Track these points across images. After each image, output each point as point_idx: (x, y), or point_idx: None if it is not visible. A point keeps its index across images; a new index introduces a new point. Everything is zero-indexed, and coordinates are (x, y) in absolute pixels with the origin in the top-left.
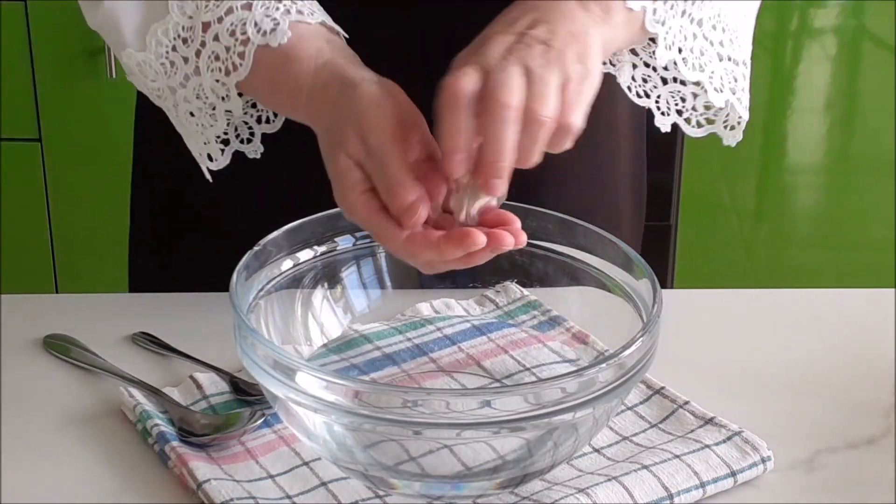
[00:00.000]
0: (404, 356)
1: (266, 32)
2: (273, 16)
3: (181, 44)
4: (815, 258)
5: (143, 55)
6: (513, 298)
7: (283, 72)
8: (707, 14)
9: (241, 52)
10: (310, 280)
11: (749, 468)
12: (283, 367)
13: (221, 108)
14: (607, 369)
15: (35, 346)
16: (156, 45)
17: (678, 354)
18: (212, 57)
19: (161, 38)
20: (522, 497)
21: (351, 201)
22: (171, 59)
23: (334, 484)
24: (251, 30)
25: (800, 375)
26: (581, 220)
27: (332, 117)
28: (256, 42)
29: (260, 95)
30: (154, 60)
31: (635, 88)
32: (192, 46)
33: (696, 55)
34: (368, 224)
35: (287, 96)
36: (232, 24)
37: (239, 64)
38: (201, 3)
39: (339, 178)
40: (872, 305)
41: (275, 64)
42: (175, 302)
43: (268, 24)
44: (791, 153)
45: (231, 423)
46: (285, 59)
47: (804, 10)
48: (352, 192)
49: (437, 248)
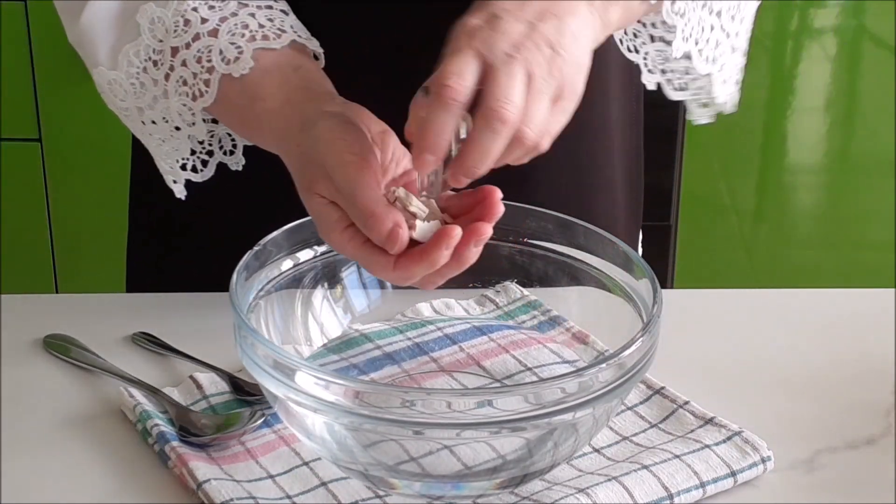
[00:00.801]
0: (404, 356)
1: (230, 61)
2: (237, 43)
3: (151, 66)
4: (815, 258)
5: (115, 74)
6: (513, 298)
7: (249, 110)
8: (727, 4)
9: (207, 79)
10: (310, 280)
11: (749, 468)
12: (283, 367)
13: (186, 132)
14: (607, 369)
15: (35, 346)
16: (127, 65)
17: (678, 354)
18: (179, 81)
19: (132, 59)
20: (522, 497)
21: (334, 240)
22: (142, 80)
23: (334, 484)
24: (216, 58)
25: (800, 375)
26: (576, 217)
27: (299, 159)
28: (220, 70)
29: (231, 127)
30: (125, 80)
31: (626, 42)
32: (162, 70)
33: (711, 47)
34: (356, 258)
35: (256, 132)
36: (199, 51)
37: (205, 91)
38: (171, 25)
39: (318, 218)
40: (872, 305)
41: (240, 100)
42: (175, 302)
43: (232, 52)
44: (791, 153)
45: (231, 423)
46: (251, 96)
47: (804, 10)
48: (333, 232)
49: (424, 260)
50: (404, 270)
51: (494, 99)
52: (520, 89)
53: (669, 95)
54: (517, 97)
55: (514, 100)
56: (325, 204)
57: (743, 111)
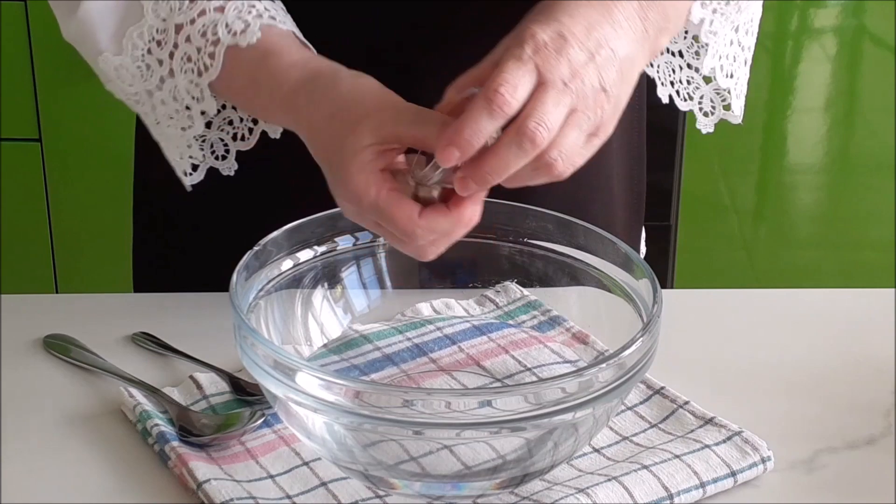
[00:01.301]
0: (404, 356)
1: (236, 33)
2: (245, 18)
3: (156, 46)
4: (815, 258)
5: (120, 59)
6: (513, 298)
7: (262, 67)
8: (744, 19)
9: (212, 52)
10: (310, 280)
11: (749, 468)
12: (283, 367)
13: (197, 108)
14: (607, 369)
15: (35, 346)
16: (132, 48)
17: (678, 354)
18: (184, 58)
19: (136, 42)
20: (522, 497)
21: (363, 181)
22: (147, 61)
23: (334, 484)
24: (221, 30)
25: (800, 375)
26: (577, 218)
27: (337, 102)
28: (226, 42)
29: (238, 97)
30: (131, 64)
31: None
32: (166, 48)
33: (730, 62)
34: (380, 202)
35: (264, 93)
36: (203, 26)
37: (210, 64)
38: (175, 4)
39: (351, 157)
40: (872, 305)
41: (252, 61)
42: (175, 302)
43: (238, 25)
44: (791, 153)
45: (231, 423)
46: (263, 53)
47: (804, 10)
48: (363, 172)
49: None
50: (430, 222)
51: (534, 120)
52: (560, 118)
53: (680, 106)
54: (555, 124)
55: (551, 126)
56: (370, 144)
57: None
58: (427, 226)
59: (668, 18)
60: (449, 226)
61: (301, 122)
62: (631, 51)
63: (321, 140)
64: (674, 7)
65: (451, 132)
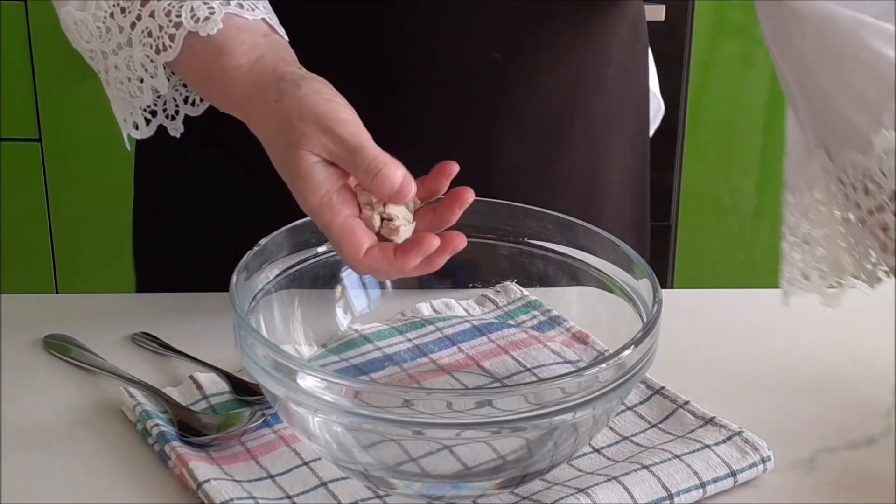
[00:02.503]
0: (404, 356)
1: (199, 20)
2: (210, 4)
3: (119, 12)
4: None
5: (82, 15)
6: (513, 298)
7: (215, 64)
8: None
9: (172, 34)
10: (310, 280)
11: (749, 468)
12: (283, 367)
13: (149, 83)
14: (607, 369)
15: (35, 346)
16: (95, 7)
17: (678, 354)
18: (144, 32)
19: (101, 3)
20: (522, 497)
21: (316, 203)
22: (108, 25)
23: (334, 484)
24: (185, 14)
25: (800, 375)
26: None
27: (280, 118)
28: (188, 28)
29: (193, 84)
30: (91, 22)
31: None
32: (129, 17)
33: None
34: (333, 226)
35: (218, 90)
36: (169, 4)
37: (168, 46)
38: None
39: (303, 177)
40: (872, 305)
41: (206, 55)
42: (175, 302)
43: (203, 11)
44: None
45: (231, 423)
46: (217, 50)
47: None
48: (316, 193)
49: (394, 264)
50: (372, 262)
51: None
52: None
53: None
54: None
55: None
56: (318, 161)
57: (743, 111)
58: (368, 265)
59: None
60: (389, 270)
61: (254, 130)
62: None
63: (273, 153)
64: None
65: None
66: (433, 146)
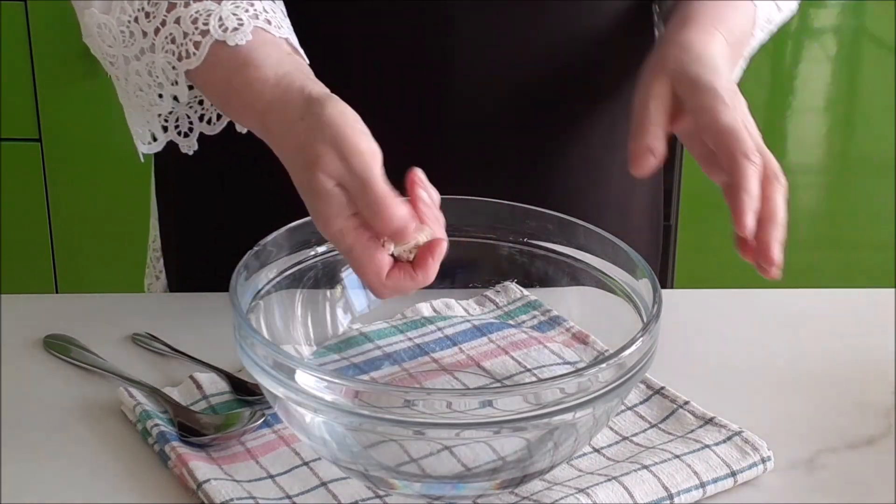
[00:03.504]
0: (404, 356)
1: (227, 29)
2: (240, 15)
3: (143, 17)
4: (815, 258)
5: (106, 18)
6: (513, 298)
7: (240, 75)
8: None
9: (198, 42)
10: (310, 280)
11: (749, 468)
12: (283, 367)
13: (169, 91)
14: (607, 369)
15: (35, 346)
16: (119, 11)
17: (678, 354)
18: (168, 39)
19: (126, 6)
20: (522, 497)
21: (338, 227)
22: (132, 29)
23: (334, 484)
24: (213, 23)
25: (800, 375)
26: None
27: (301, 135)
28: (215, 36)
29: (213, 95)
30: (115, 26)
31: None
32: (153, 23)
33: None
34: (354, 251)
35: (238, 102)
36: (197, 12)
37: (192, 53)
38: None
39: (322, 200)
40: (872, 305)
41: (231, 65)
42: (175, 302)
43: (232, 21)
44: (791, 153)
45: (231, 423)
46: (243, 61)
47: (804, 10)
48: (338, 217)
49: (417, 277)
50: (396, 284)
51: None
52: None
53: None
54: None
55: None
56: (333, 184)
57: None
58: (393, 286)
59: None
60: (412, 286)
61: (274, 146)
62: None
63: (292, 169)
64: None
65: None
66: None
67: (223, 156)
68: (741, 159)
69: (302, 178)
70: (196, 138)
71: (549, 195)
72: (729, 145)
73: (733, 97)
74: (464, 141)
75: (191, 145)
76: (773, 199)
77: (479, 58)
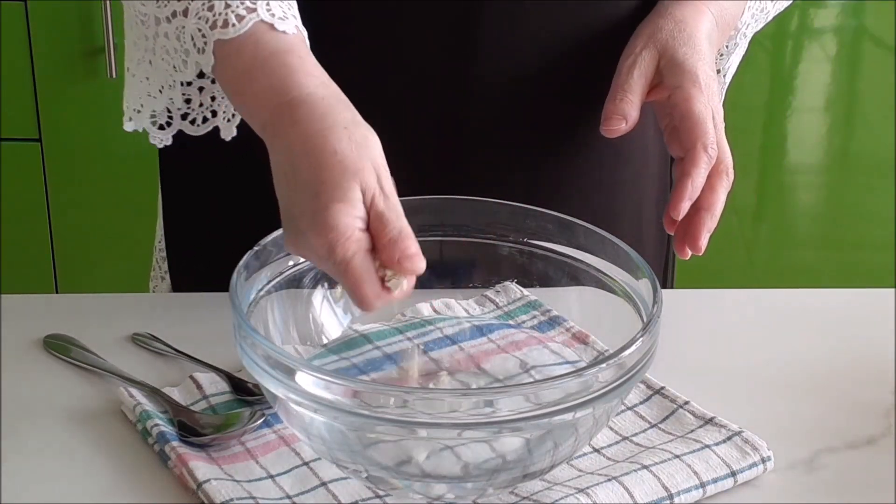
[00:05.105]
0: (404, 356)
1: (275, 15)
2: (284, 10)
3: None
4: (815, 258)
5: None
6: (513, 298)
7: (277, 58)
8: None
9: (241, 15)
10: (310, 280)
11: (749, 468)
12: (283, 367)
13: (194, 58)
14: (607, 369)
15: (35, 346)
16: None
17: (678, 354)
18: (205, 6)
19: None
20: (522, 497)
21: (351, 252)
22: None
23: (334, 484)
24: (262, 6)
25: (800, 375)
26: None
27: (343, 140)
28: (263, 17)
29: (235, 74)
30: None
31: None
32: None
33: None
34: (355, 260)
35: (265, 83)
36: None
37: (232, 24)
38: None
39: (347, 204)
40: (872, 305)
41: (272, 47)
42: (175, 302)
43: (279, 11)
44: (791, 153)
45: (231, 423)
46: (285, 48)
47: (804, 10)
48: (354, 244)
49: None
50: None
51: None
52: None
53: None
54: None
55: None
56: (361, 198)
57: (743, 111)
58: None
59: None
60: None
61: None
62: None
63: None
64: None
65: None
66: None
67: (225, 156)
68: (699, 148)
69: (324, 176)
70: (209, 127)
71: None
72: (693, 131)
73: (709, 85)
74: (482, 144)
75: (195, 132)
76: (716, 190)
77: (500, 59)
